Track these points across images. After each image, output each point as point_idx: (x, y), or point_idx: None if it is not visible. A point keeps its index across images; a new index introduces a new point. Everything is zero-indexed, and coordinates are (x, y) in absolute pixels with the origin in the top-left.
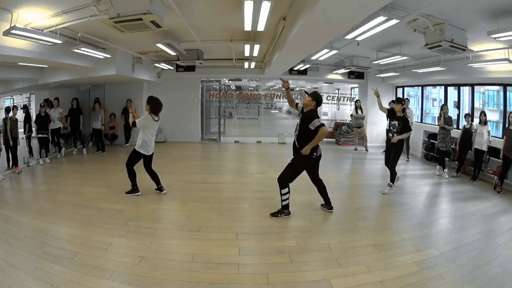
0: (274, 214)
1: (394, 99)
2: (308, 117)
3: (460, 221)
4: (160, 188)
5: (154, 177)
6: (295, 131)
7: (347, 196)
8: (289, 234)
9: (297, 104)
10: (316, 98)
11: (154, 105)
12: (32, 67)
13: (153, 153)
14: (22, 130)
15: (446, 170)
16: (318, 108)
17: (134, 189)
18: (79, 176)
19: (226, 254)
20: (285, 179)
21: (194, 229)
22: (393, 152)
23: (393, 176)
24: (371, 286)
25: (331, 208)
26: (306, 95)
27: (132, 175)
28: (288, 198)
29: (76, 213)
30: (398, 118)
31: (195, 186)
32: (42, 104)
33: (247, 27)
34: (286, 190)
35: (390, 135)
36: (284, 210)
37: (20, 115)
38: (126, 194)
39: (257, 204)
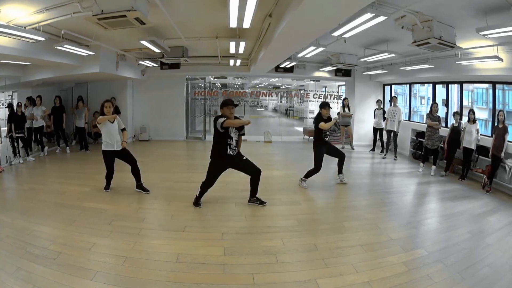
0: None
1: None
2: (214, 120)
3: (448, 220)
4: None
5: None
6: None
7: (334, 195)
8: (275, 234)
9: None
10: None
11: None
12: (14, 64)
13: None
14: (6, 128)
15: (433, 167)
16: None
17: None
18: (62, 175)
19: (211, 254)
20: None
21: (178, 229)
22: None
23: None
24: (358, 286)
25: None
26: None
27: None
28: None
29: (59, 213)
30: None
31: (180, 185)
32: (19, 103)
33: (233, 24)
34: None
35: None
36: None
37: (4, 114)
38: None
39: (242, 204)
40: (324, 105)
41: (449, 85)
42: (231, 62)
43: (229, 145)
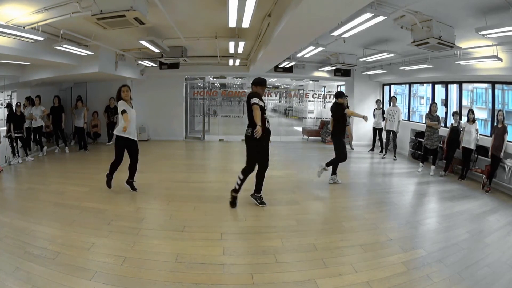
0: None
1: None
2: (248, 97)
3: (448, 220)
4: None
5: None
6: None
7: (333, 195)
8: (274, 234)
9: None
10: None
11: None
12: (13, 64)
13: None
14: (5, 128)
15: (433, 167)
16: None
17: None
18: (61, 175)
19: (210, 254)
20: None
21: (178, 229)
22: None
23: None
24: (357, 286)
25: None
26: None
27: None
28: None
29: (58, 213)
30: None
31: (179, 185)
32: (18, 103)
33: (232, 23)
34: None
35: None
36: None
37: (3, 113)
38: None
39: (241, 204)
40: (341, 95)
41: (449, 85)
42: (230, 62)
43: (265, 118)
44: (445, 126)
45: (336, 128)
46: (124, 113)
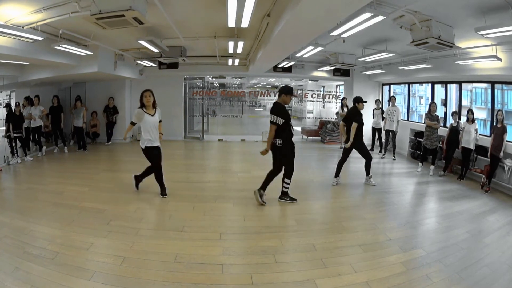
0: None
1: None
2: (271, 109)
3: (447, 220)
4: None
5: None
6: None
7: (333, 195)
8: (274, 234)
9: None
10: (283, 90)
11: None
12: (12, 64)
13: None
14: (4, 128)
15: (432, 167)
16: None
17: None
18: (61, 175)
19: (209, 254)
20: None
21: (177, 228)
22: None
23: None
24: (356, 286)
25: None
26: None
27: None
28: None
29: (57, 213)
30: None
31: (178, 185)
32: (17, 103)
33: (231, 23)
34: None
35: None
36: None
37: (2, 113)
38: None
39: (241, 204)
40: (361, 100)
41: (448, 85)
42: (230, 61)
43: (291, 126)
44: (445, 126)
45: (355, 134)
46: (130, 124)
